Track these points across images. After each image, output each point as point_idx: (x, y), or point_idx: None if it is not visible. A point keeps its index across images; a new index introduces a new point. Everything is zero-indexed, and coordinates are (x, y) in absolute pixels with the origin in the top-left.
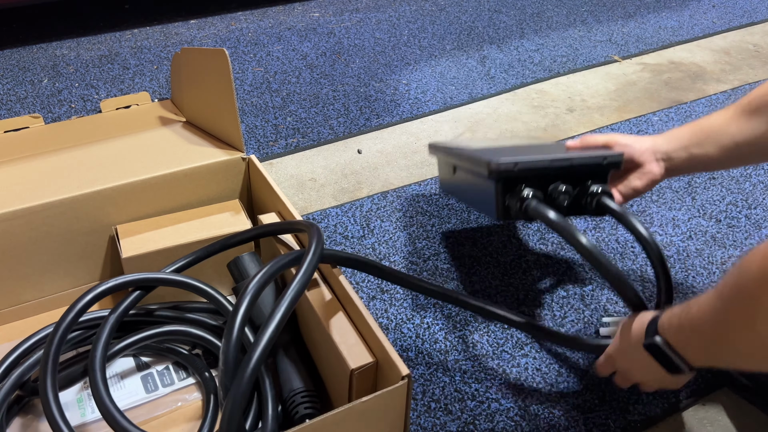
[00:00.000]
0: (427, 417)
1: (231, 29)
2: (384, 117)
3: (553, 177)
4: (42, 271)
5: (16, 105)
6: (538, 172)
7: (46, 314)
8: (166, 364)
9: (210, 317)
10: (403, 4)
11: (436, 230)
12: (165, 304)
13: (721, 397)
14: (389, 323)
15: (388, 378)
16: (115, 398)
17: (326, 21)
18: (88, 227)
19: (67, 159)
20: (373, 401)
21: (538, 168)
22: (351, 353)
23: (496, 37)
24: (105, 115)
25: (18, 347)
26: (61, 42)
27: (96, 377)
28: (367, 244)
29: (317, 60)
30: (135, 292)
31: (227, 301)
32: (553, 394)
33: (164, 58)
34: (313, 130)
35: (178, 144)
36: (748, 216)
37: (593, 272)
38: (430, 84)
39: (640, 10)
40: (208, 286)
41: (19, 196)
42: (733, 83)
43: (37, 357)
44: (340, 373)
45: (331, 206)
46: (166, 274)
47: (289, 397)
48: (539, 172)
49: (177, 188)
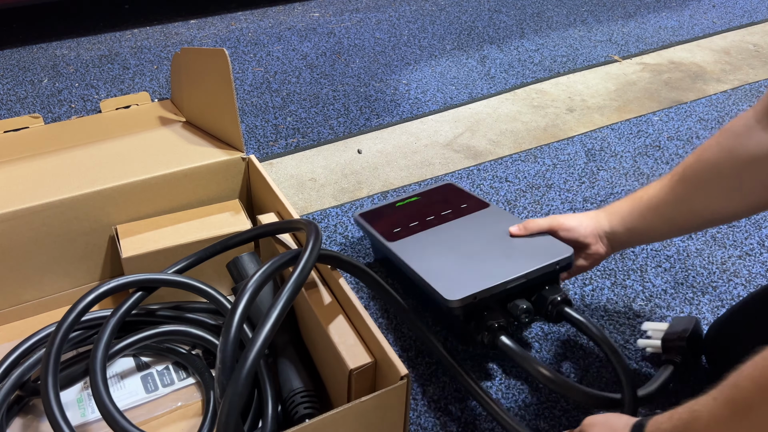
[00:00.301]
0: (427, 417)
1: (231, 29)
2: (384, 117)
3: (510, 294)
4: (42, 271)
5: (16, 105)
6: (497, 295)
7: (46, 314)
8: (166, 364)
9: (210, 317)
10: (403, 4)
11: None
12: (166, 305)
13: None
14: (389, 323)
15: (387, 378)
16: (115, 398)
17: (326, 21)
18: (88, 227)
19: (67, 159)
20: (372, 401)
21: (496, 292)
22: (350, 353)
23: (496, 37)
24: (105, 115)
25: (18, 347)
26: (61, 42)
27: (96, 378)
28: (367, 244)
29: (317, 60)
30: (137, 293)
31: (227, 301)
32: (553, 394)
33: (164, 58)
34: (313, 130)
35: (178, 144)
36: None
37: (592, 271)
38: (430, 84)
39: (640, 10)
40: (209, 287)
41: (19, 196)
42: (733, 83)
43: (38, 357)
44: (339, 374)
45: (331, 206)
46: (168, 275)
47: (289, 397)
48: (498, 294)
49: (177, 188)
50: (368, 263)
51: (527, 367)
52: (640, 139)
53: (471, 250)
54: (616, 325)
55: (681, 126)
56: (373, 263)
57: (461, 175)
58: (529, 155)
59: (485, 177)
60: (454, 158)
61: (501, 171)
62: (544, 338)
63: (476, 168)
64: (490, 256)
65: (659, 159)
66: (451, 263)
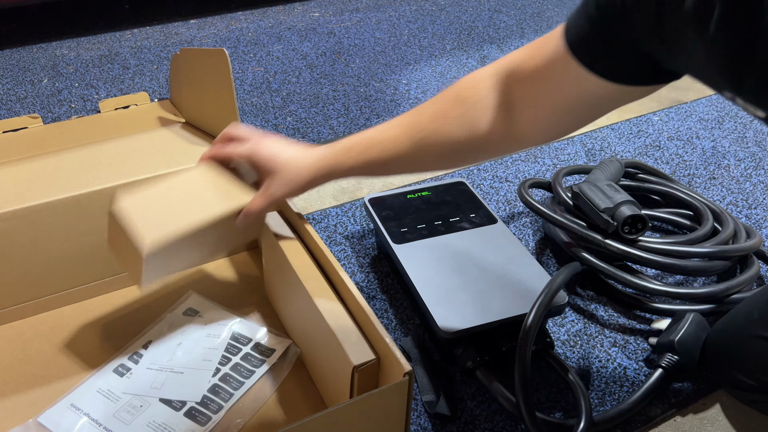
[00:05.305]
0: (427, 417)
1: (231, 29)
2: (384, 117)
3: (500, 328)
4: (42, 271)
5: (16, 105)
6: (488, 330)
7: (46, 314)
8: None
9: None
10: (403, 4)
11: None
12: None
13: (721, 397)
14: (389, 323)
15: (389, 375)
16: None
17: (326, 21)
18: (88, 227)
19: (67, 159)
20: (374, 397)
21: (488, 329)
22: (353, 350)
23: (496, 36)
24: (104, 115)
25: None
26: (61, 42)
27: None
28: (367, 244)
29: (317, 60)
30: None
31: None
32: (552, 394)
33: (164, 58)
34: (313, 130)
35: (178, 144)
36: (748, 216)
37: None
38: (430, 84)
39: None
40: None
41: (19, 196)
42: None
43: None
44: (342, 370)
45: (331, 206)
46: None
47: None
48: (489, 330)
49: None
50: (372, 257)
51: (499, 400)
52: (640, 139)
53: (472, 275)
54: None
55: (681, 126)
56: (376, 256)
57: (461, 175)
58: (529, 155)
59: (485, 177)
60: None
61: (501, 171)
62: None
63: (476, 168)
64: (489, 287)
65: (659, 159)
66: (450, 287)
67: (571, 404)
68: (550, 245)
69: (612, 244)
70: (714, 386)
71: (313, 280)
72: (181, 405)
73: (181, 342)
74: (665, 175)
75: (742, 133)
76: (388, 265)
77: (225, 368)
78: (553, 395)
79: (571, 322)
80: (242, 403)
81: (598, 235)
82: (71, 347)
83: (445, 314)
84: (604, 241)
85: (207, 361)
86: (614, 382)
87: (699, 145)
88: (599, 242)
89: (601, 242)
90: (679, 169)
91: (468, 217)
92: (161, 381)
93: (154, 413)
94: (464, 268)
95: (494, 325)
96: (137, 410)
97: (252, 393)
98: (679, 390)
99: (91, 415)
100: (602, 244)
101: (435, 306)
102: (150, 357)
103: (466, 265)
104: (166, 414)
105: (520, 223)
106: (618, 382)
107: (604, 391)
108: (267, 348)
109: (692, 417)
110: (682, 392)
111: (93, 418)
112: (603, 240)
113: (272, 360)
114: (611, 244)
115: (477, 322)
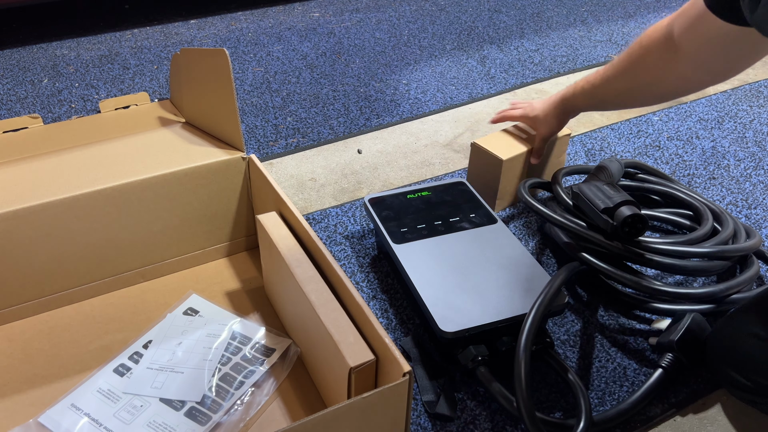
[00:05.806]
0: (427, 417)
1: (231, 29)
2: (384, 117)
3: (499, 328)
4: (42, 271)
5: (16, 105)
6: (488, 330)
7: (46, 314)
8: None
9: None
10: (403, 4)
11: None
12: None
13: (721, 397)
14: (389, 323)
15: (389, 375)
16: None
17: (326, 21)
18: (88, 227)
19: (67, 159)
20: (374, 397)
21: (488, 329)
22: (350, 351)
23: (496, 37)
24: (104, 115)
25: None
26: (61, 42)
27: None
28: (367, 244)
29: (317, 60)
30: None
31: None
32: (552, 394)
33: (164, 58)
34: (313, 130)
35: (178, 144)
36: (748, 216)
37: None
38: (430, 84)
39: (640, 10)
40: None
41: (19, 196)
42: (733, 83)
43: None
44: (339, 371)
45: (331, 206)
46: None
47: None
48: (489, 330)
49: (177, 188)
50: (372, 257)
51: (499, 399)
52: (640, 139)
53: (472, 276)
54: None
55: (681, 126)
56: (376, 256)
57: (461, 175)
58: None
59: None
60: (454, 158)
61: None
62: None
63: None
64: (488, 287)
65: (659, 159)
66: (450, 287)
67: (570, 404)
68: (550, 245)
69: (612, 244)
70: (714, 386)
71: (311, 281)
72: (181, 405)
73: (182, 342)
74: (665, 175)
75: (741, 133)
76: (388, 265)
77: (225, 368)
78: (553, 395)
79: (571, 322)
80: (242, 403)
81: (598, 235)
82: (71, 347)
83: (445, 314)
84: (603, 241)
85: (207, 360)
86: (614, 382)
87: (699, 145)
88: (599, 242)
89: (601, 242)
90: (678, 169)
91: (468, 217)
92: (161, 381)
93: (154, 413)
94: (464, 268)
95: (494, 325)
96: (137, 410)
97: (252, 393)
98: (679, 390)
99: (91, 414)
100: (602, 244)
101: (435, 306)
102: (150, 357)
103: (466, 265)
104: (167, 414)
105: (520, 223)
106: (618, 382)
107: (604, 391)
108: (267, 348)
109: (692, 417)
110: (681, 392)
111: (93, 418)
112: (603, 240)
113: (272, 360)
114: (611, 244)
115: (477, 322)
